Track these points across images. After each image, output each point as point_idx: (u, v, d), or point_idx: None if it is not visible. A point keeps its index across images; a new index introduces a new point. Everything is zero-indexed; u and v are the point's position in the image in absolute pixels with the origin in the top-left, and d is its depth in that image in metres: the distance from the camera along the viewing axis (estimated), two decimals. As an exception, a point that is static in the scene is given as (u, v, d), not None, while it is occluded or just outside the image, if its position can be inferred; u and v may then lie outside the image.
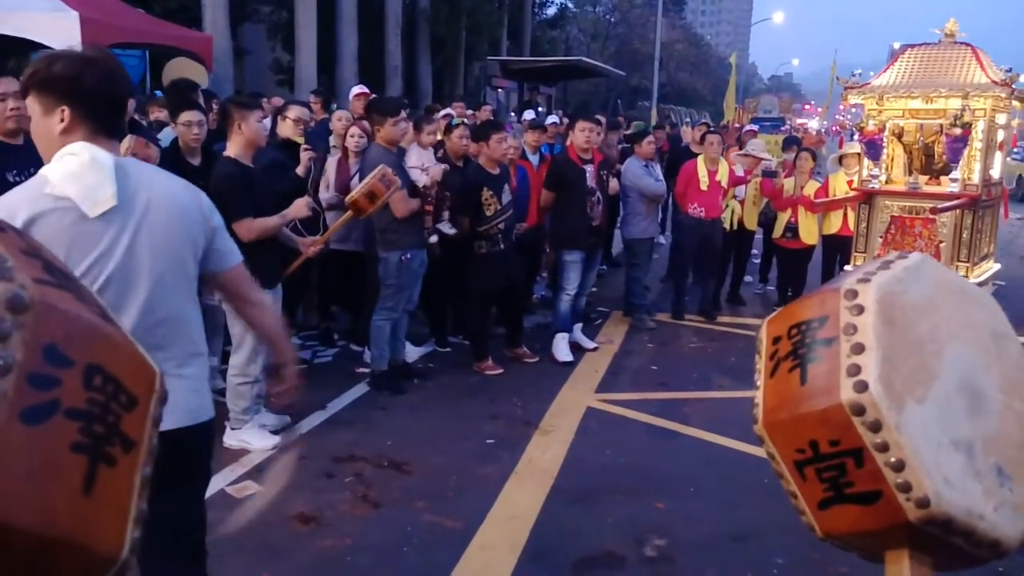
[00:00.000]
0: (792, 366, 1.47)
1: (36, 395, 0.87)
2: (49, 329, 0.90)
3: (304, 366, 6.16)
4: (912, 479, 1.32)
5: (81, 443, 0.92)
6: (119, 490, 0.98)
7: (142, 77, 11.75)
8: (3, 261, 0.90)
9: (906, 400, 1.35)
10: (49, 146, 2.05)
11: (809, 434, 1.42)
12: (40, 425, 0.87)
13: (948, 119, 6.61)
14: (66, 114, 2.02)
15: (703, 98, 51.65)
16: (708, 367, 6.56)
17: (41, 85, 2.03)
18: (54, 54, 2.09)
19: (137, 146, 4.05)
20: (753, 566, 3.54)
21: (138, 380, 1.03)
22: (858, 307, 1.42)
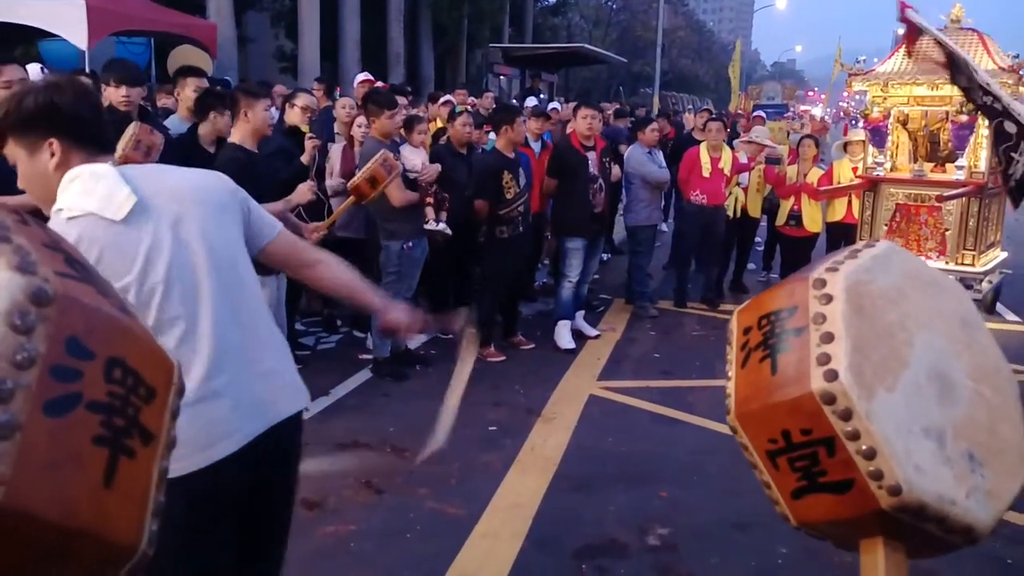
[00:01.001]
0: (763, 356, 1.48)
1: (59, 387, 0.88)
2: (71, 322, 0.90)
3: (307, 352, 6.17)
4: (884, 467, 1.32)
5: (102, 436, 0.92)
6: (138, 483, 0.99)
7: (147, 65, 11.73)
8: (27, 255, 0.90)
9: (876, 388, 1.36)
10: (47, 185, 1.90)
11: (781, 424, 1.42)
12: (63, 417, 0.88)
13: (954, 106, 6.58)
14: (55, 146, 1.87)
15: (705, 85, 51.50)
16: (711, 355, 6.56)
17: (20, 125, 1.87)
18: (18, 92, 1.91)
19: (141, 133, 4.04)
20: (756, 555, 3.55)
21: (157, 372, 1.04)
22: (826, 296, 1.42)
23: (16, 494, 0.81)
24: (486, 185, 6.03)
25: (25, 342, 0.85)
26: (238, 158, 4.40)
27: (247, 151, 4.43)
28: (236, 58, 15.68)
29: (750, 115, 13.51)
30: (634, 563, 3.49)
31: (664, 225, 10.37)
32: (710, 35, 64.89)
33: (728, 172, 7.67)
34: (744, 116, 13.94)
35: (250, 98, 4.43)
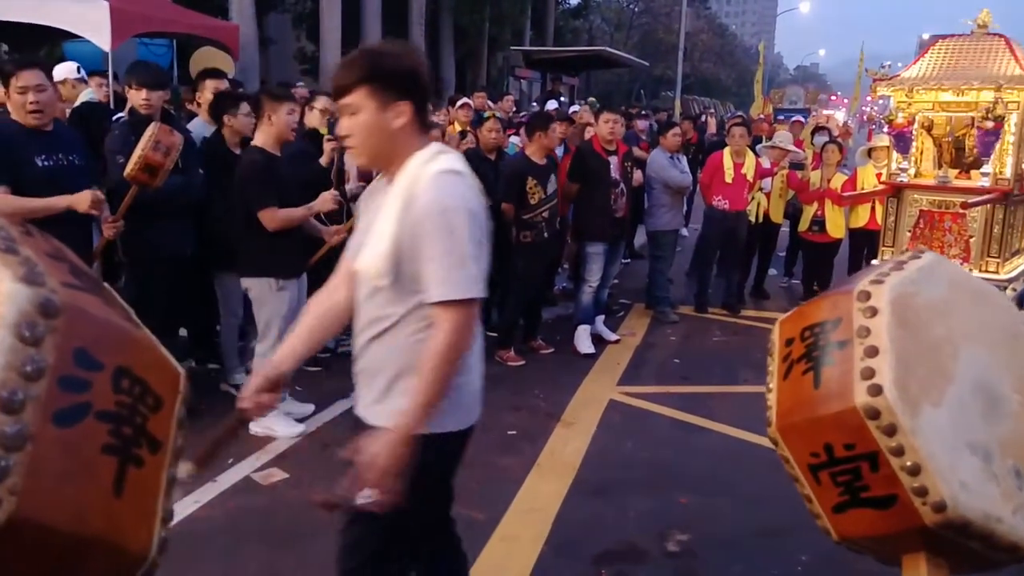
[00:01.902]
0: (805, 369, 1.45)
1: (68, 398, 0.88)
2: (79, 333, 0.90)
3: (327, 355, 6.19)
4: (928, 483, 1.30)
5: (111, 445, 0.92)
6: (147, 491, 0.99)
7: (169, 65, 11.83)
8: (33, 266, 0.90)
9: (921, 403, 1.33)
10: (384, 141, 2.04)
11: (823, 438, 1.40)
12: (72, 427, 0.88)
13: (980, 112, 6.50)
14: (407, 109, 2.02)
15: (727, 89, 51.27)
16: (732, 361, 6.52)
17: (383, 79, 2.01)
18: (390, 49, 2.10)
19: (161, 133, 4.07)
20: (777, 562, 3.52)
21: (163, 381, 1.04)
22: (871, 309, 1.40)
23: (28, 504, 0.81)
24: (510, 188, 6.05)
25: (34, 353, 0.85)
26: (259, 161, 4.43)
27: (268, 154, 4.46)
28: (258, 60, 15.78)
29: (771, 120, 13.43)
30: (653, 569, 3.48)
31: (685, 230, 10.31)
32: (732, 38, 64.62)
33: (751, 178, 7.63)
34: (766, 121, 13.85)
35: (273, 101, 4.46)
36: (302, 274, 4.72)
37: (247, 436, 4.53)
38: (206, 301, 5.27)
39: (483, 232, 2.05)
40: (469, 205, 2.02)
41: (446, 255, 1.96)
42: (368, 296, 2.12)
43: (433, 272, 1.97)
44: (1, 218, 0.98)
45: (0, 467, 0.79)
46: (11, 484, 0.79)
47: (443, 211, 1.97)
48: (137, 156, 4.04)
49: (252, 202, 4.40)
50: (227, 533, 3.58)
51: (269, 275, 4.49)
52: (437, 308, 1.99)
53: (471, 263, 1.99)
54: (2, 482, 0.79)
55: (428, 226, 1.96)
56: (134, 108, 4.62)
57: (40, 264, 0.92)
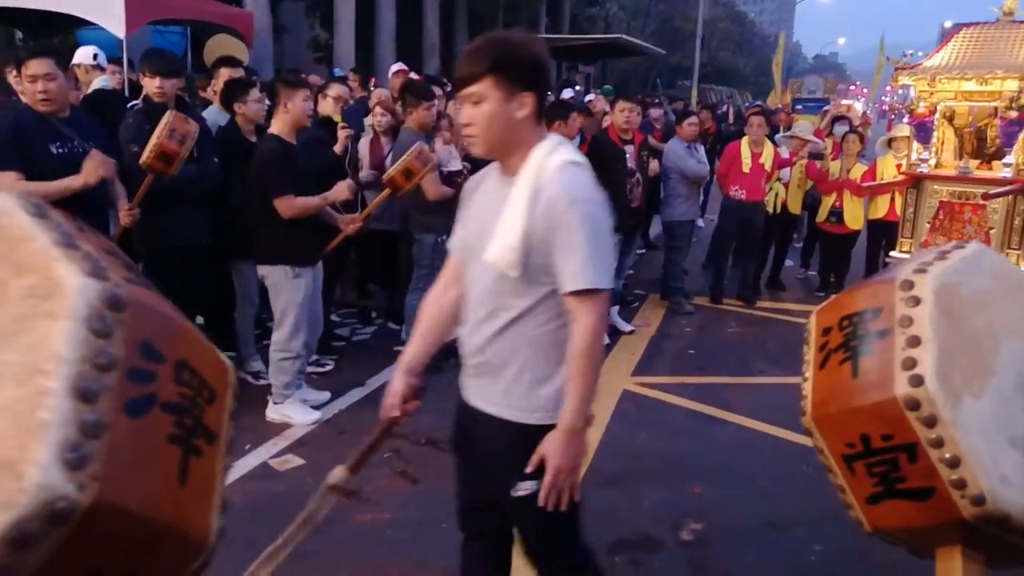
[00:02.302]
0: (843, 358, 1.43)
1: (136, 388, 0.90)
2: (143, 326, 0.93)
3: (343, 343, 6.20)
4: (967, 476, 1.28)
5: (175, 435, 0.95)
6: (207, 480, 1.02)
7: (184, 53, 11.85)
8: (96, 261, 0.93)
9: (963, 395, 1.31)
10: (506, 130, 2.06)
11: (860, 428, 1.38)
12: (142, 417, 0.91)
13: (1003, 102, 6.42)
14: (530, 100, 2.05)
15: (745, 77, 50.90)
16: (747, 352, 6.49)
17: (511, 68, 2.03)
18: (518, 39, 2.09)
19: (176, 121, 4.08)
20: (791, 553, 3.51)
21: (216, 374, 1.07)
22: (914, 298, 1.37)
23: (109, 490, 0.84)
24: None
25: (105, 345, 0.87)
26: (275, 149, 4.43)
27: (285, 142, 4.46)
28: (272, 47, 15.79)
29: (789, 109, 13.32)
30: (667, 558, 3.47)
31: (701, 221, 10.26)
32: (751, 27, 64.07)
33: (769, 168, 7.57)
34: (783, 110, 13.75)
35: (288, 89, 4.45)
36: (318, 262, 4.73)
37: (264, 423, 4.56)
38: (221, 289, 5.29)
39: (610, 224, 2.10)
40: (596, 196, 2.06)
41: (580, 246, 1.99)
42: (490, 288, 2.14)
43: (568, 263, 2.00)
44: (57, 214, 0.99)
45: (82, 454, 0.82)
46: (93, 470, 0.82)
47: (573, 203, 2.00)
48: (153, 144, 4.04)
49: (268, 190, 4.41)
50: (244, 518, 3.60)
51: (285, 263, 4.49)
52: (575, 299, 2.02)
53: (603, 254, 2.03)
54: (84, 468, 0.82)
55: (559, 218, 1.99)
56: (148, 96, 4.62)
57: (101, 259, 0.95)
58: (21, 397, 0.82)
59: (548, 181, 2.02)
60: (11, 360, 0.84)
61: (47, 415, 0.81)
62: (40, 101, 3.78)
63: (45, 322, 0.85)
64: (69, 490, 0.80)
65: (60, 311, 0.86)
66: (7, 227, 0.93)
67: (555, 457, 2.03)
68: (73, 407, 0.83)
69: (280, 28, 18.94)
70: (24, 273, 0.89)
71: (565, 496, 2.07)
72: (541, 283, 2.07)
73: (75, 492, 0.81)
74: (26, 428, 0.80)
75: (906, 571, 3.25)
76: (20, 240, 0.92)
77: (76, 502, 0.81)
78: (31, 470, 0.79)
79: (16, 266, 0.90)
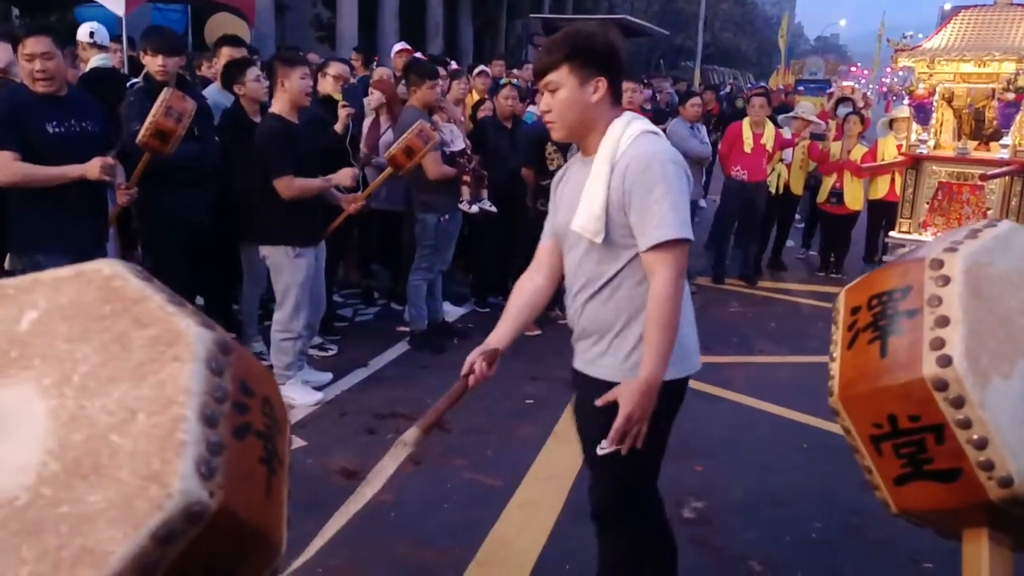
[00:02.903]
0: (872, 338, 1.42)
1: (240, 418, 1.10)
2: (242, 367, 1.13)
3: (345, 324, 6.22)
4: (995, 457, 1.27)
5: (263, 457, 1.15)
6: (280, 497, 1.21)
7: (184, 32, 11.78)
8: (201, 315, 1.12)
9: (991, 376, 1.30)
10: (582, 113, 2.21)
11: (888, 408, 1.37)
12: (244, 441, 1.10)
13: (1001, 83, 6.41)
14: (603, 84, 2.19)
15: (748, 59, 50.62)
16: (748, 332, 6.51)
17: (584, 56, 2.18)
18: (587, 29, 2.25)
19: (173, 99, 4.06)
20: (791, 529, 3.54)
21: (282, 411, 1.27)
22: (944, 278, 1.36)
23: (229, 498, 1.02)
24: (530, 153, 6.03)
25: (219, 382, 1.07)
26: (275, 128, 4.43)
27: (286, 121, 4.45)
28: (274, 26, 15.71)
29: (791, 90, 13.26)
30: (669, 537, 3.50)
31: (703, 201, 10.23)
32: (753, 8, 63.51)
33: (771, 148, 7.56)
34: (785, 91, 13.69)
35: (285, 67, 4.44)
36: (320, 242, 4.74)
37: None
38: (223, 270, 5.30)
39: (687, 184, 2.21)
40: (671, 157, 2.19)
41: (656, 202, 2.12)
42: (581, 258, 2.29)
43: (646, 219, 2.13)
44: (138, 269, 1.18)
45: (211, 467, 1.01)
46: (218, 481, 1.01)
47: (649, 163, 2.14)
48: (149, 122, 4.03)
49: (268, 170, 4.41)
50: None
51: (286, 243, 4.50)
52: (653, 253, 2.14)
53: (679, 208, 2.14)
54: (213, 479, 1.00)
55: (636, 179, 2.14)
56: (149, 74, 4.60)
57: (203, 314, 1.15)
58: (159, 423, 1.01)
59: (624, 150, 2.17)
60: (144, 395, 1.03)
61: (184, 436, 1.00)
62: (38, 80, 3.75)
63: (174, 364, 1.04)
64: (203, 495, 0.99)
65: (186, 355, 1.05)
66: (120, 288, 1.12)
67: (627, 404, 2.09)
68: (202, 430, 1.02)
69: (282, 7, 18.83)
70: (145, 326, 1.08)
71: (629, 442, 2.12)
72: (627, 247, 2.20)
73: (207, 497, 0.99)
74: (167, 447, 0.99)
75: (903, 544, 3.29)
76: (136, 300, 1.11)
77: (208, 506, 0.99)
78: (175, 480, 0.97)
79: (135, 320, 1.09)
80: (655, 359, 2.11)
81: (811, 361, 5.78)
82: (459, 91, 6.61)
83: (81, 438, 1.00)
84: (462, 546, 3.33)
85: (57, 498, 0.97)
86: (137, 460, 0.98)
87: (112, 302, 1.10)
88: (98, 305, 1.10)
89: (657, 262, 2.13)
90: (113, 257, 4.65)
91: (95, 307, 1.10)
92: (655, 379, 2.11)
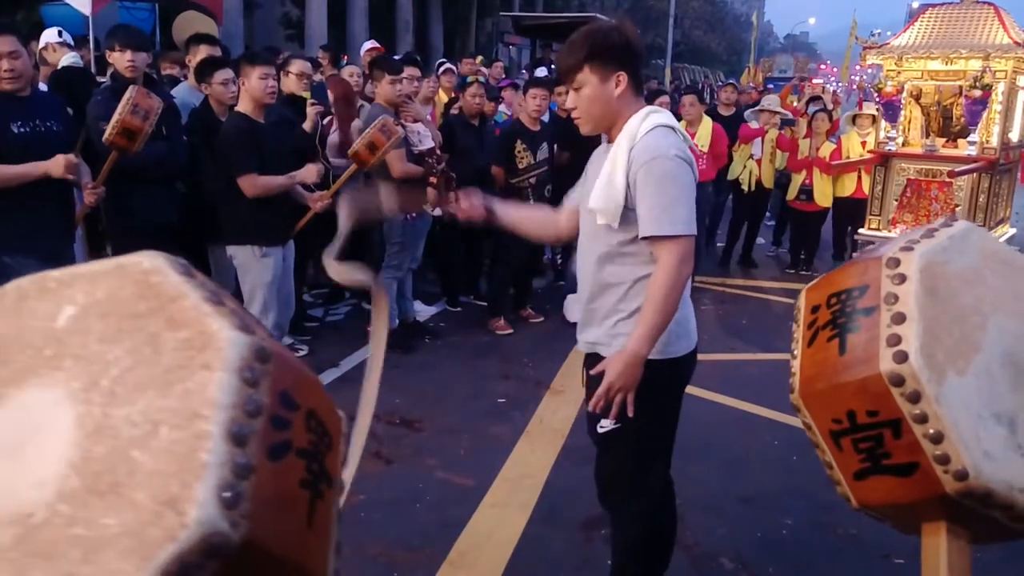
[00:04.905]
0: (831, 335, 1.44)
1: (277, 435, 0.98)
2: (284, 377, 1.01)
3: (315, 324, 6.18)
4: (951, 451, 1.29)
5: (305, 479, 1.03)
6: (327, 523, 1.10)
7: (152, 31, 11.64)
8: (242, 316, 1.02)
9: (947, 372, 1.32)
10: (606, 108, 2.36)
11: (846, 404, 1.39)
12: (280, 462, 0.98)
13: (968, 81, 6.50)
14: (623, 79, 2.33)
15: (718, 57, 50.95)
16: (719, 329, 6.55)
17: (603, 55, 2.31)
18: (602, 27, 2.39)
19: (139, 96, 3.99)
20: (762, 526, 3.56)
21: (334, 423, 1.16)
22: (900, 276, 1.38)
23: (255, 529, 0.91)
24: (499, 151, 6.03)
25: (253, 393, 0.95)
26: (239, 127, 4.39)
27: (250, 120, 4.41)
28: (242, 25, 15.57)
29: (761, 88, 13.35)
30: (641, 535, 3.50)
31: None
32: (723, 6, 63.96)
33: (704, 149, 7.42)
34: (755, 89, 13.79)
35: (247, 65, 4.40)
36: (287, 241, 4.70)
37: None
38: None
39: (692, 178, 2.34)
40: (679, 154, 2.30)
41: (656, 196, 2.25)
42: (594, 237, 2.44)
43: (646, 211, 2.27)
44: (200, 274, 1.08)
45: (236, 493, 0.89)
46: (243, 509, 0.89)
47: (656, 158, 2.26)
48: (115, 121, 3.97)
49: (232, 168, 4.37)
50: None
51: (252, 242, 4.46)
52: (655, 244, 2.29)
53: (680, 204, 2.27)
54: (237, 507, 0.88)
55: (641, 171, 2.27)
56: (116, 72, 4.54)
57: (244, 315, 1.04)
58: (181, 439, 0.90)
59: (640, 141, 2.29)
60: (168, 406, 0.92)
61: (206, 456, 0.88)
62: (4, 79, 3.69)
63: (202, 372, 0.93)
64: (224, 527, 0.87)
65: (216, 362, 0.94)
66: (158, 284, 1.01)
67: (611, 373, 2.23)
68: (228, 450, 0.90)
69: (251, 5, 18.66)
70: (178, 327, 0.97)
71: (615, 411, 2.26)
72: (635, 232, 2.32)
73: (229, 529, 0.88)
74: (187, 468, 0.88)
75: (874, 540, 3.33)
76: (172, 297, 1.00)
77: (229, 538, 0.88)
78: (192, 507, 0.86)
79: (169, 321, 0.98)
80: (643, 334, 2.24)
81: (782, 359, 5.81)
82: (428, 90, 6.58)
83: (103, 451, 0.91)
84: (434, 546, 3.32)
85: (72, 518, 0.88)
86: (155, 481, 0.88)
87: (148, 299, 1.01)
88: (134, 302, 1.01)
89: (657, 251, 2.29)
90: (80, 257, 4.58)
91: (130, 304, 1.01)
92: (640, 353, 2.23)
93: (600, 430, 2.48)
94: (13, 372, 1.00)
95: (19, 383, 0.99)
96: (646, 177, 2.26)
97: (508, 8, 25.94)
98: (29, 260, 3.71)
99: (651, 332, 2.24)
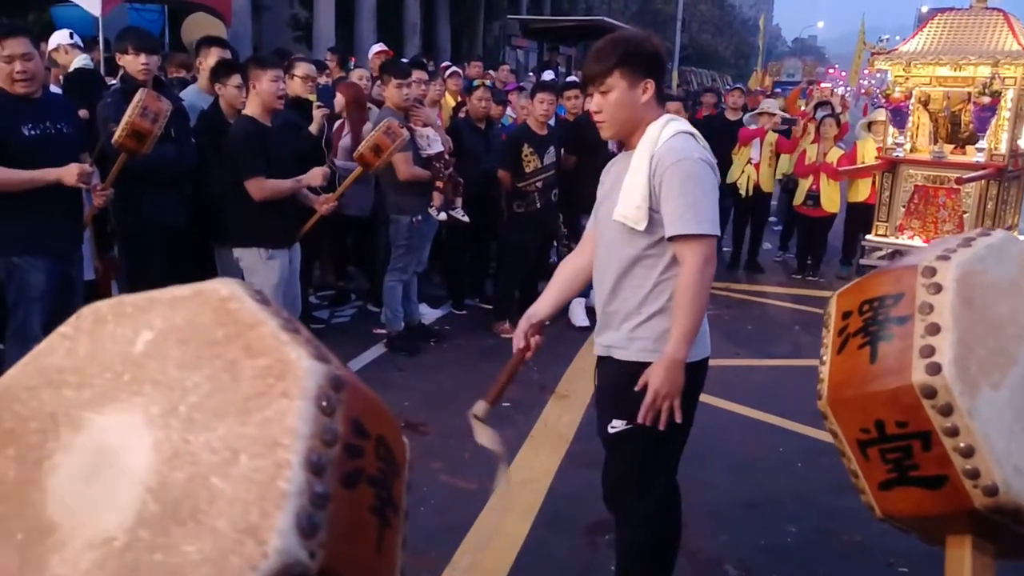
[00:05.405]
0: (862, 343, 1.42)
1: (351, 463, 0.99)
2: (356, 405, 1.03)
3: (321, 326, 6.19)
4: (981, 466, 1.27)
5: (375, 506, 1.04)
6: (394, 549, 1.11)
7: (160, 33, 11.68)
8: (317, 345, 1.04)
9: (980, 385, 1.30)
10: (631, 113, 2.41)
11: (875, 414, 1.37)
12: (354, 489, 0.99)
13: (977, 87, 6.48)
14: (650, 86, 2.40)
15: (725, 61, 50.83)
16: (724, 334, 6.53)
17: (634, 61, 2.38)
18: (635, 35, 2.50)
19: (148, 99, 4.01)
20: (765, 533, 3.55)
21: (400, 451, 1.17)
22: (936, 285, 1.36)
23: (332, 558, 0.91)
24: (505, 155, 6.03)
25: (329, 422, 0.96)
26: (247, 130, 4.39)
27: (258, 123, 4.42)
28: (251, 26, 15.60)
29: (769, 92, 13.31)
30: (645, 541, 3.50)
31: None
32: (731, 9, 63.78)
33: None
34: (763, 93, 13.76)
35: (257, 68, 4.41)
36: (294, 244, 4.71)
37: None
38: (199, 271, 5.24)
39: (715, 181, 2.41)
40: (701, 156, 2.37)
41: (680, 197, 2.30)
42: (617, 245, 2.47)
43: (671, 212, 2.32)
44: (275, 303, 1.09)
45: (314, 522, 0.89)
46: (321, 538, 0.89)
47: (679, 161, 2.32)
48: (125, 123, 3.98)
49: (239, 171, 4.38)
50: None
51: (259, 244, 4.47)
52: (679, 244, 2.34)
53: (704, 204, 2.33)
54: (315, 537, 0.89)
55: (665, 173, 2.32)
56: (127, 75, 4.55)
57: (319, 343, 1.05)
58: (261, 468, 0.90)
59: (661, 146, 2.35)
60: (247, 433, 0.93)
61: (286, 485, 0.89)
62: (17, 81, 3.70)
63: (281, 400, 0.94)
64: (303, 556, 0.87)
65: (295, 391, 0.94)
66: (236, 311, 1.02)
67: (655, 381, 2.28)
68: (307, 479, 0.90)
69: (259, 6, 18.69)
70: (256, 355, 0.98)
71: (663, 418, 2.31)
72: (660, 234, 2.37)
73: (307, 558, 0.88)
74: (267, 496, 0.88)
75: (878, 548, 3.31)
76: (250, 325, 1.01)
77: (308, 568, 0.88)
78: (272, 536, 0.86)
79: (247, 348, 0.98)
80: (679, 337, 2.30)
81: (787, 364, 5.82)
82: (435, 92, 6.59)
83: (183, 477, 0.91)
84: (438, 550, 3.31)
85: (153, 544, 0.89)
86: (236, 509, 0.88)
87: (226, 326, 1.01)
88: (212, 329, 1.02)
89: (683, 251, 2.33)
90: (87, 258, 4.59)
91: (209, 331, 1.01)
92: (679, 356, 2.30)
93: (611, 430, 2.51)
94: (92, 396, 1.01)
95: (99, 407, 1.00)
96: (671, 178, 2.31)
97: (515, 11, 25.95)
98: (38, 260, 3.73)
99: (687, 334, 2.30)
